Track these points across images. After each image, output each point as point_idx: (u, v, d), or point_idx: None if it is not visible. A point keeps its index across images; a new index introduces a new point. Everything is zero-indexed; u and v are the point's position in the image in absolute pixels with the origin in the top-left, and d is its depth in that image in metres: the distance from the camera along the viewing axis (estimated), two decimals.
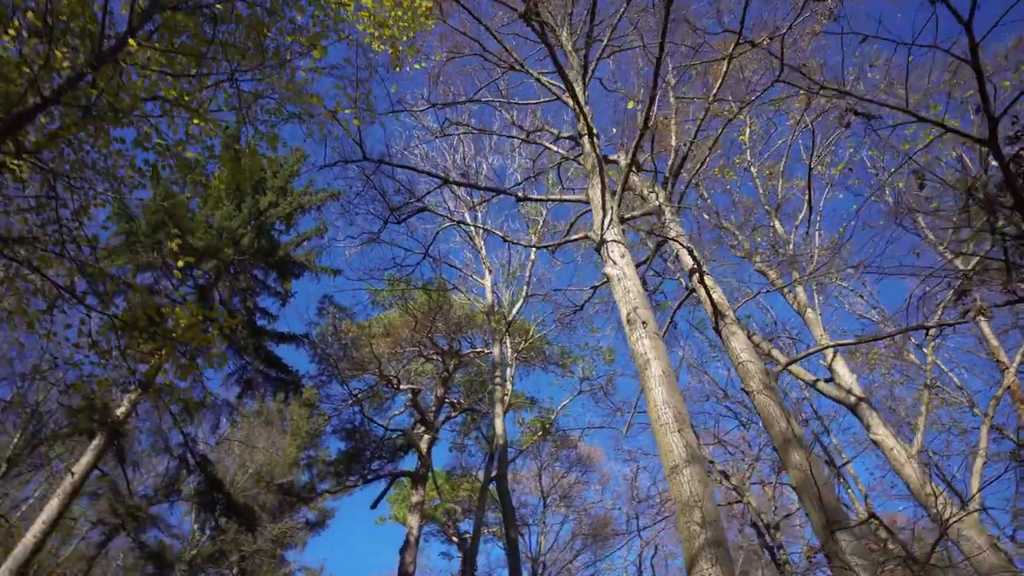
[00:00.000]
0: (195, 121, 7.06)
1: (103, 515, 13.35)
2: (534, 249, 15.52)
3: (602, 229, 7.12)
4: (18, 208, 5.93)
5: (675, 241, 7.05)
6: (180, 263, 12.54)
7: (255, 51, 7.46)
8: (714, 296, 6.68)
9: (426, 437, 18.31)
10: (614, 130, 13.22)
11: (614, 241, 6.87)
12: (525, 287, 16.53)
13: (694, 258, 6.86)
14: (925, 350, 11.45)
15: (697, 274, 6.74)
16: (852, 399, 8.97)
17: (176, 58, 6.87)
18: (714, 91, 8.48)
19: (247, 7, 7.24)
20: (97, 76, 5.73)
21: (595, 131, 8.60)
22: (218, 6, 6.91)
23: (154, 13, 6.22)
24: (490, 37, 10.44)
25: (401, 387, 18.42)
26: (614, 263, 6.60)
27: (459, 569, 19.86)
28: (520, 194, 9.21)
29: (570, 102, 9.52)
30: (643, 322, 5.75)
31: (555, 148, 10.56)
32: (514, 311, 16.26)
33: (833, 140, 13.68)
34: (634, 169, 9.69)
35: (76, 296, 6.34)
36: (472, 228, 16.02)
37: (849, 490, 14.87)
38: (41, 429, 12.52)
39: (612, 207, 7.31)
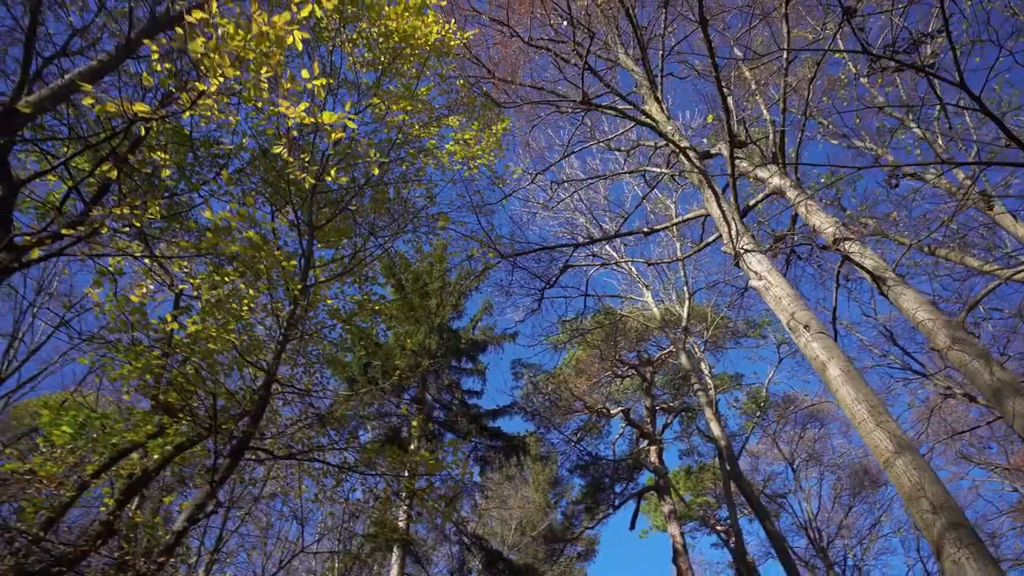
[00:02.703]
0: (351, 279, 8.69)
1: None
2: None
3: (733, 243, 7.44)
4: (298, 427, 7.86)
5: (825, 248, 7.17)
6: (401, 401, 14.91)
7: (381, 211, 9.10)
8: (867, 263, 6.67)
9: (652, 449, 18.94)
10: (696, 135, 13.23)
11: (749, 252, 7.18)
12: (685, 287, 16.76)
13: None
14: None
15: (840, 250, 6.81)
16: None
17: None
18: (785, 61, 8.47)
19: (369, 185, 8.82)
20: (302, 306, 7.43)
21: (686, 147, 8.88)
22: (351, 206, 8.60)
23: (316, 241, 7.91)
24: (557, 92, 11.26)
25: (612, 412, 19.34)
26: (756, 274, 6.91)
27: (730, 559, 19.99)
28: (646, 229, 9.76)
29: (652, 122, 9.94)
30: (805, 326, 6.02)
31: (657, 170, 10.96)
32: (684, 313, 16.51)
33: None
34: (738, 155, 9.78)
35: (351, 468, 8.20)
36: (617, 262, 16.70)
37: None
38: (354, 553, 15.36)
39: (734, 218, 7.61)
